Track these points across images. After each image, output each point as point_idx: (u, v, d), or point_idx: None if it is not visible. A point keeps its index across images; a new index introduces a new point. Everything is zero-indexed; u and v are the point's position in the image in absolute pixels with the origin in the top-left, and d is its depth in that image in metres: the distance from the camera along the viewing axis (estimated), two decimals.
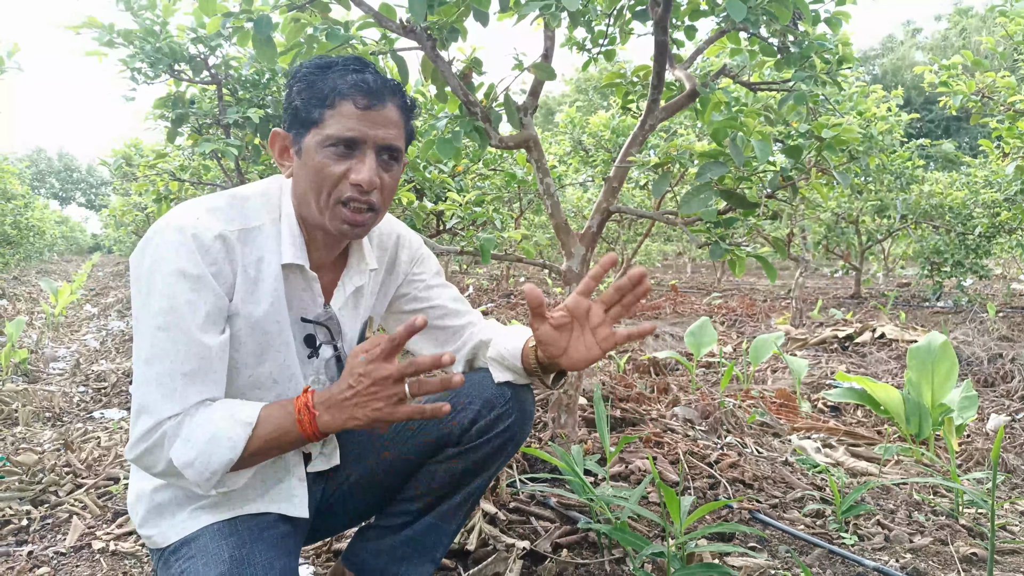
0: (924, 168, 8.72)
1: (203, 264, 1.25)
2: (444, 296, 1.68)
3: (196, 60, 4.53)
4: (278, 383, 1.41)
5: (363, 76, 1.33)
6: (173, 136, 4.69)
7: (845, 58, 2.96)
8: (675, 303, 8.92)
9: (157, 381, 1.22)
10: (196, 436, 1.21)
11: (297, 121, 1.33)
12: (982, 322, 6.51)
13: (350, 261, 1.49)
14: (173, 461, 1.21)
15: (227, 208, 1.33)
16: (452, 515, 1.63)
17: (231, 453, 1.22)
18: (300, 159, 1.34)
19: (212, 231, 1.27)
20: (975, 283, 10.73)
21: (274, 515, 1.47)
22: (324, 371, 1.49)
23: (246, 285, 1.32)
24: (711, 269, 19.24)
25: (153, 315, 1.23)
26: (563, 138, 8.22)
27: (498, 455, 1.61)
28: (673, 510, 1.54)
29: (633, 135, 2.80)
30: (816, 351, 5.42)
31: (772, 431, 3.35)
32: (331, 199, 1.32)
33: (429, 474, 1.61)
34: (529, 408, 1.63)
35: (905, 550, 1.97)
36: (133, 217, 10.35)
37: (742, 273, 2.59)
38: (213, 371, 1.27)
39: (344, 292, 1.48)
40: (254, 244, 1.33)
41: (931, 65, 5.15)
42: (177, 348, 1.23)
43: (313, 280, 1.41)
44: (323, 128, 1.30)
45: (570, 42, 3.53)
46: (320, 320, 1.44)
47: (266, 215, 1.36)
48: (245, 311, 1.32)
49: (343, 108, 1.30)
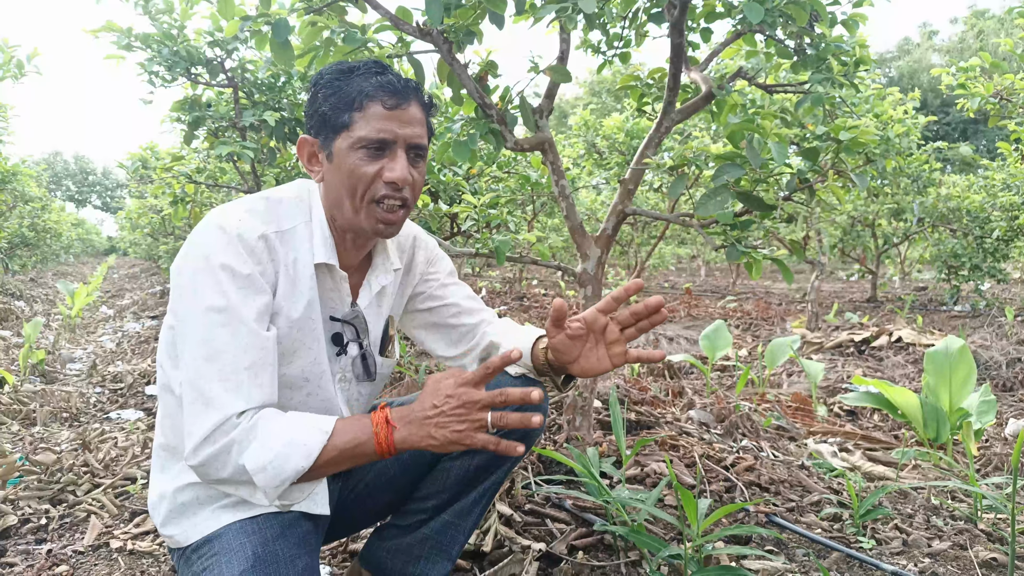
0: (941, 171, 8.65)
1: (251, 263, 1.27)
2: (458, 294, 1.70)
3: (213, 63, 4.56)
4: (309, 381, 1.42)
5: (387, 78, 1.35)
6: (190, 139, 4.73)
7: (862, 60, 2.95)
8: (689, 306, 8.89)
9: (220, 376, 1.22)
10: (271, 440, 1.21)
11: (326, 126, 1.35)
12: (1000, 326, 6.45)
13: (375, 261, 1.52)
14: (246, 465, 1.21)
15: (265, 210, 1.36)
16: (468, 513, 1.64)
17: (305, 461, 1.21)
18: (331, 163, 1.36)
19: (255, 232, 1.30)
20: (992, 287, 10.63)
21: (296, 513, 1.48)
22: (351, 368, 1.51)
23: (286, 285, 1.34)
24: (725, 272, 19.16)
25: (206, 312, 1.24)
26: (577, 141, 8.21)
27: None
28: (690, 512, 1.54)
29: (649, 137, 2.79)
30: (832, 355, 5.39)
31: (788, 435, 3.33)
32: (365, 199, 1.35)
33: (444, 472, 1.62)
34: (542, 405, 1.62)
35: (923, 555, 1.95)
36: (149, 219, 10.43)
37: (759, 276, 2.58)
38: (271, 364, 1.28)
39: (370, 291, 1.50)
40: (290, 245, 1.36)
41: (948, 67, 5.12)
42: (237, 341, 1.24)
43: (342, 280, 1.43)
44: (353, 131, 1.32)
45: (585, 45, 3.53)
46: (348, 319, 1.47)
47: (299, 217, 1.39)
48: (286, 310, 1.35)
49: (371, 109, 1.32)
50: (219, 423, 1.21)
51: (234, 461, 1.21)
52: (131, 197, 13.44)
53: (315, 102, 1.36)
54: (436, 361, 4.63)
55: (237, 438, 1.21)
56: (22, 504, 2.50)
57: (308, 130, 1.40)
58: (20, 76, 5.66)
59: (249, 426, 1.22)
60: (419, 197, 1.46)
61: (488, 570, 1.85)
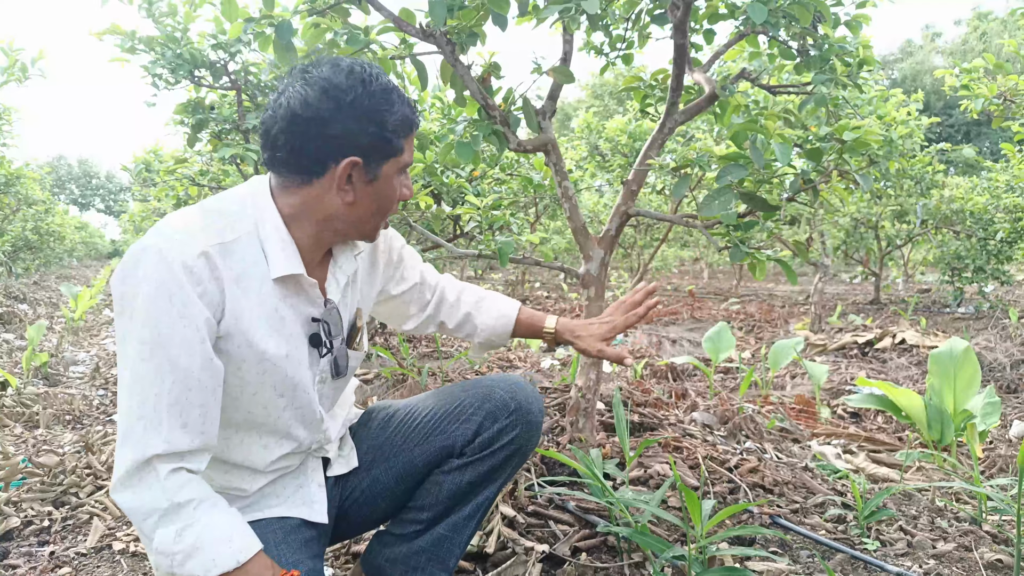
0: (944, 173, 8.63)
1: (188, 285, 1.19)
2: (416, 269, 1.76)
3: (216, 66, 4.57)
4: (283, 396, 1.39)
5: (408, 98, 1.38)
6: (193, 141, 4.74)
7: (865, 61, 2.94)
8: (692, 308, 8.88)
9: (140, 413, 1.18)
10: (189, 532, 1.20)
11: (379, 150, 1.32)
12: (1004, 328, 6.43)
13: (336, 253, 1.48)
14: (154, 540, 1.20)
15: (204, 224, 1.27)
16: (463, 527, 1.63)
17: (204, 573, 1.20)
18: (371, 186, 1.34)
19: (194, 250, 1.22)
20: (996, 289, 10.61)
21: (297, 519, 1.49)
22: (328, 369, 1.49)
23: (234, 302, 1.27)
24: (728, 275, 19.14)
25: (134, 342, 1.19)
26: (579, 143, 8.20)
27: (504, 467, 1.61)
28: (694, 513, 1.53)
29: (652, 138, 2.79)
30: (835, 357, 5.38)
31: (791, 437, 3.33)
32: (385, 216, 1.41)
33: (436, 484, 1.61)
34: (535, 419, 1.62)
35: (928, 556, 1.94)
36: (152, 222, 10.43)
37: (763, 276, 2.57)
38: (202, 404, 1.23)
39: (338, 284, 1.47)
40: (234, 257, 1.28)
41: (952, 69, 5.10)
42: (161, 378, 1.19)
43: (311, 287, 1.38)
44: (402, 157, 1.36)
45: (588, 46, 3.53)
46: (323, 317, 1.43)
47: (241, 227, 1.30)
48: (238, 328, 1.28)
49: (411, 136, 1.38)
50: (134, 465, 1.19)
51: (147, 524, 1.20)
52: (134, 200, 13.46)
53: (362, 123, 1.28)
54: (439, 365, 4.63)
55: (158, 504, 1.19)
56: (25, 506, 2.49)
57: (340, 149, 1.28)
58: (24, 79, 5.67)
59: (177, 498, 1.20)
60: None
61: (491, 571, 1.84)
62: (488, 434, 1.57)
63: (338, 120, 1.27)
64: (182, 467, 1.22)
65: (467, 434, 1.59)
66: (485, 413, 1.58)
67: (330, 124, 1.27)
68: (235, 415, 1.37)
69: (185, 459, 1.22)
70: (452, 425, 1.60)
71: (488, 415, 1.58)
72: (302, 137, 1.27)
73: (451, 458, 1.60)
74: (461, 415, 1.60)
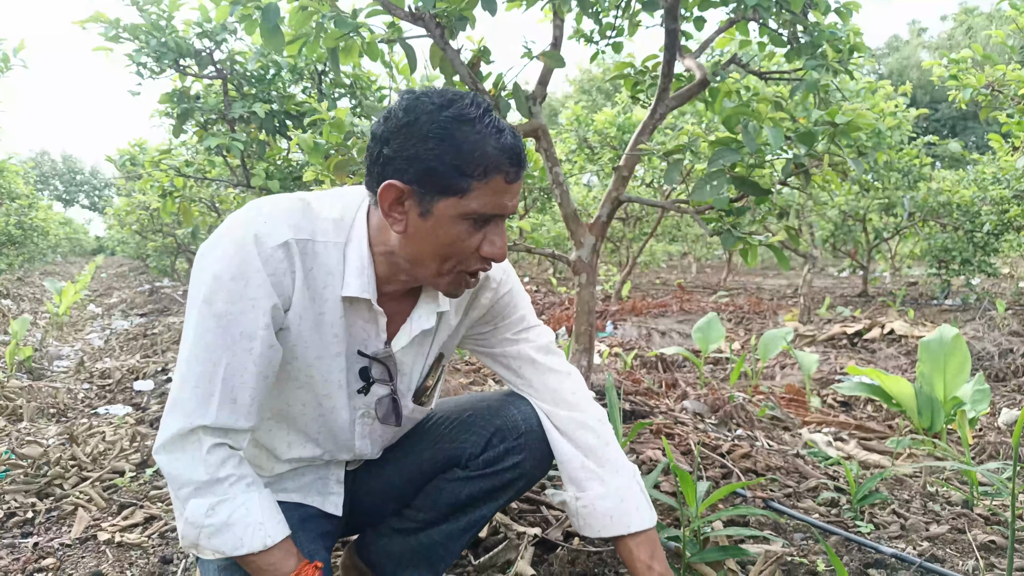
0: (931, 167, 8.67)
1: (263, 270, 1.18)
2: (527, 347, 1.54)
3: (201, 55, 4.52)
4: (321, 405, 1.38)
5: (511, 140, 1.19)
6: (178, 131, 4.69)
7: (856, 47, 2.93)
8: (681, 301, 8.89)
9: (196, 381, 1.20)
10: (221, 508, 1.20)
11: (431, 181, 1.16)
12: (991, 318, 6.47)
13: (421, 300, 1.38)
14: (185, 509, 1.21)
15: (301, 215, 1.24)
16: (456, 538, 1.59)
17: (231, 551, 1.21)
18: (424, 221, 1.19)
19: (279, 237, 1.20)
20: (983, 281, 10.67)
21: (315, 509, 1.48)
22: (376, 407, 1.43)
23: (302, 301, 1.25)
24: (716, 269, 19.19)
25: (202, 314, 1.19)
26: (568, 135, 8.19)
27: (506, 490, 1.54)
28: (688, 494, 1.52)
29: (643, 124, 2.78)
30: (825, 347, 5.39)
31: (783, 425, 3.32)
32: (456, 269, 1.25)
33: (437, 490, 1.58)
34: (545, 449, 1.50)
35: (922, 538, 1.94)
36: (137, 216, 10.35)
37: (754, 262, 2.56)
38: (255, 386, 1.23)
39: (410, 333, 1.37)
40: (317, 260, 1.24)
41: (940, 59, 5.12)
42: (221, 353, 1.20)
43: (379, 315, 1.32)
44: (468, 200, 1.17)
45: (578, 34, 3.51)
46: (378, 357, 1.36)
47: (334, 236, 1.26)
48: (298, 328, 1.27)
49: (495, 182, 1.17)
50: (180, 432, 1.20)
51: (182, 492, 1.21)
52: (119, 196, 13.35)
53: (419, 146, 1.15)
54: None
55: (197, 476, 1.19)
56: (8, 498, 2.46)
57: (395, 169, 1.18)
58: (6, 69, 5.60)
59: (217, 474, 1.20)
60: None
61: (483, 556, 1.82)
62: (494, 452, 1.50)
63: (397, 139, 1.17)
64: (225, 443, 1.23)
65: (474, 447, 1.53)
66: (494, 429, 1.51)
67: (390, 142, 1.18)
68: (273, 403, 1.37)
69: (229, 436, 1.23)
70: (462, 434, 1.55)
71: (497, 432, 1.51)
72: (372, 154, 1.22)
73: (456, 468, 1.55)
74: (472, 426, 1.54)
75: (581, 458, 1.47)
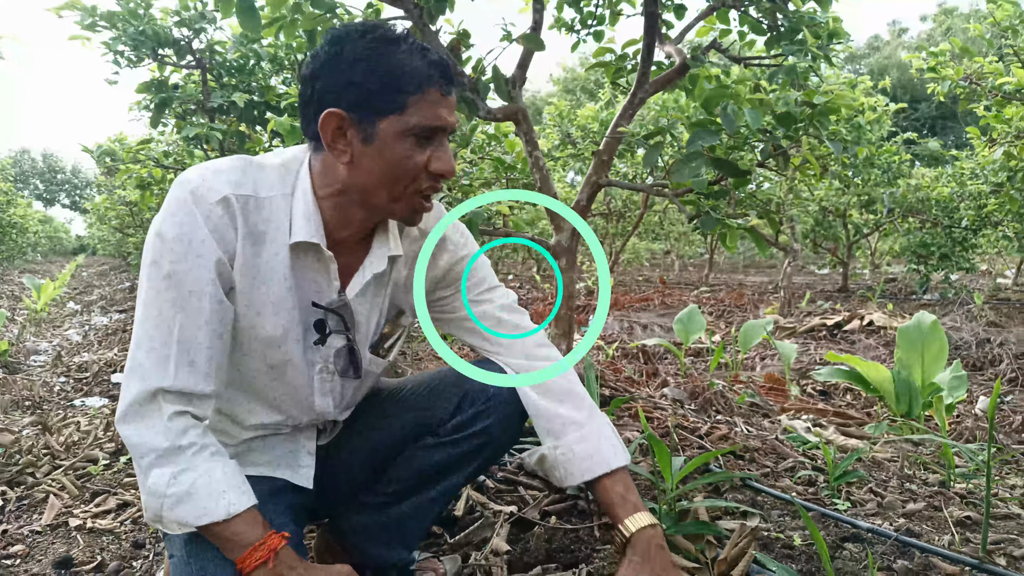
0: (911, 164, 8.75)
1: (204, 226, 1.19)
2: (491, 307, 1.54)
3: (180, 44, 4.47)
4: (273, 367, 1.36)
5: (437, 57, 1.22)
6: (156, 121, 4.64)
7: (835, 32, 2.93)
8: (663, 295, 8.91)
9: (149, 345, 1.19)
10: (184, 476, 1.17)
11: (367, 104, 1.19)
12: (970, 310, 6.52)
13: (373, 245, 1.37)
14: (148, 477, 1.18)
15: (241, 173, 1.24)
16: (426, 509, 1.59)
17: (193, 520, 1.18)
18: (368, 146, 1.21)
19: (217, 193, 1.20)
20: (961, 277, 10.77)
21: (284, 481, 1.45)
22: (333, 360, 1.41)
23: (245, 257, 1.24)
24: (699, 267, 19.26)
25: (152, 276, 1.20)
26: (551, 131, 8.18)
27: (474, 456, 1.54)
28: (664, 466, 1.51)
29: (623, 108, 2.77)
30: (805, 339, 5.42)
31: (762, 412, 3.33)
32: (409, 190, 1.25)
33: (407, 459, 1.57)
34: (513, 411, 1.51)
35: (899, 515, 1.95)
36: (117, 212, 10.25)
37: (734, 247, 2.56)
38: (209, 345, 1.22)
39: (363, 278, 1.36)
40: (259, 215, 1.24)
41: (919, 53, 5.16)
42: (173, 313, 1.19)
43: (329, 261, 1.31)
44: (407, 116, 1.19)
45: (559, 23, 3.50)
46: (332, 307, 1.34)
47: (279, 188, 1.26)
48: (241, 286, 1.26)
49: (430, 94, 1.20)
50: (140, 396, 1.18)
51: (144, 461, 1.18)
52: (99, 193, 13.22)
53: (349, 71, 1.19)
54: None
55: (158, 443, 1.17)
56: None
57: (331, 101, 1.20)
58: None
59: (179, 441, 1.18)
60: None
61: (459, 534, 1.81)
62: (463, 417, 1.51)
63: (326, 71, 1.20)
64: (188, 411, 1.21)
65: (444, 413, 1.53)
66: (463, 394, 1.52)
67: (319, 76, 1.21)
68: (230, 371, 1.35)
69: (192, 403, 1.21)
70: (432, 401, 1.55)
71: (465, 396, 1.52)
72: (304, 97, 1.25)
73: (426, 436, 1.55)
74: (442, 393, 1.55)
75: (556, 407, 1.48)
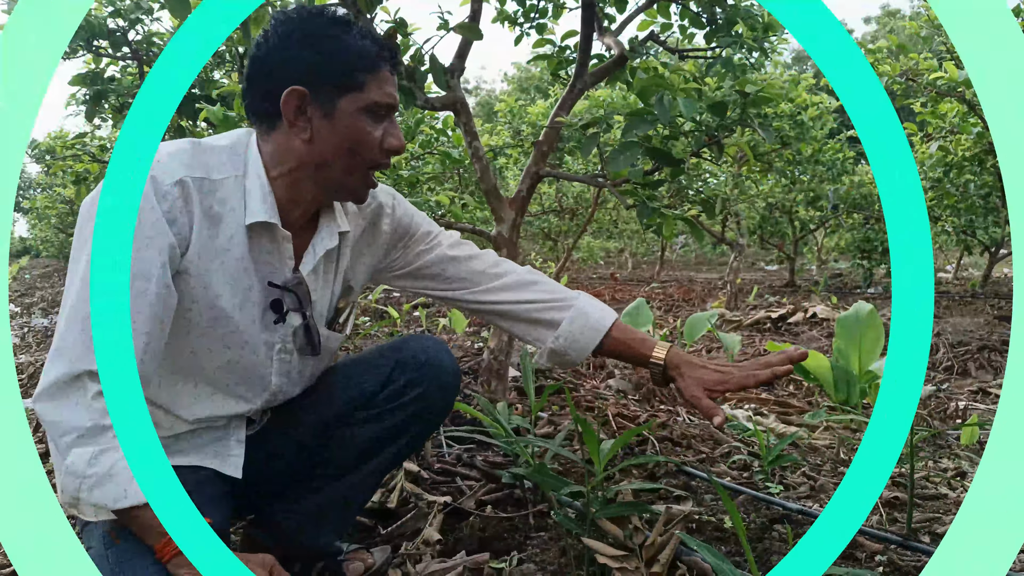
0: (855, 161, 8.93)
1: (158, 209, 1.17)
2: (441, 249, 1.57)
3: (116, 35, 4.36)
4: (230, 348, 1.34)
5: (386, 40, 1.31)
6: (91, 114, 4.51)
7: (770, 26, 2.98)
8: (614, 290, 8.98)
9: (83, 327, 1.13)
10: (104, 459, 1.12)
11: (328, 82, 1.25)
12: None
13: (320, 224, 1.40)
14: (67, 458, 1.12)
15: (192, 156, 1.25)
16: (360, 487, 1.58)
17: (111, 503, 1.13)
18: (328, 121, 1.26)
19: (172, 176, 1.19)
20: None
21: (210, 471, 1.41)
22: (292, 339, 1.41)
23: (201, 239, 1.24)
24: (651, 265, 19.46)
25: (90, 256, 1.15)
26: (502, 128, 8.16)
27: (408, 426, 1.54)
28: (592, 449, 1.51)
29: (562, 99, 2.77)
30: (750, 331, 5.50)
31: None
32: (365, 164, 1.30)
33: (340, 439, 1.55)
34: (447, 380, 1.54)
35: (830, 496, 1.98)
36: (57, 211, 9.98)
37: (671, 236, 2.58)
38: (148, 331, 1.18)
39: (314, 255, 1.38)
40: (214, 197, 1.25)
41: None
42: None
43: (285, 240, 1.32)
44: (366, 93, 1.26)
45: (501, 16, 3.49)
46: (289, 285, 1.36)
47: (230, 169, 1.28)
48: (198, 268, 1.24)
49: (382, 74, 1.28)
50: (64, 377, 1.12)
51: (63, 441, 1.12)
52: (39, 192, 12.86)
53: (305, 52, 1.24)
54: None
55: (80, 423, 1.12)
56: None
57: (288, 79, 1.25)
58: None
59: (103, 421, 1.13)
60: None
61: (392, 525, 1.79)
62: (395, 386, 1.51)
63: (280, 51, 1.25)
64: None
65: (375, 384, 1.53)
66: (395, 363, 1.52)
67: (274, 56, 1.26)
68: (178, 358, 1.32)
69: None
70: (363, 375, 1.55)
71: (398, 365, 1.52)
72: (256, 77, 1.28)
73: (358, 410, 1.54)
74: (372, 366, 1.55)
75: (542, 302, 1.53)
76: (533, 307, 1.53)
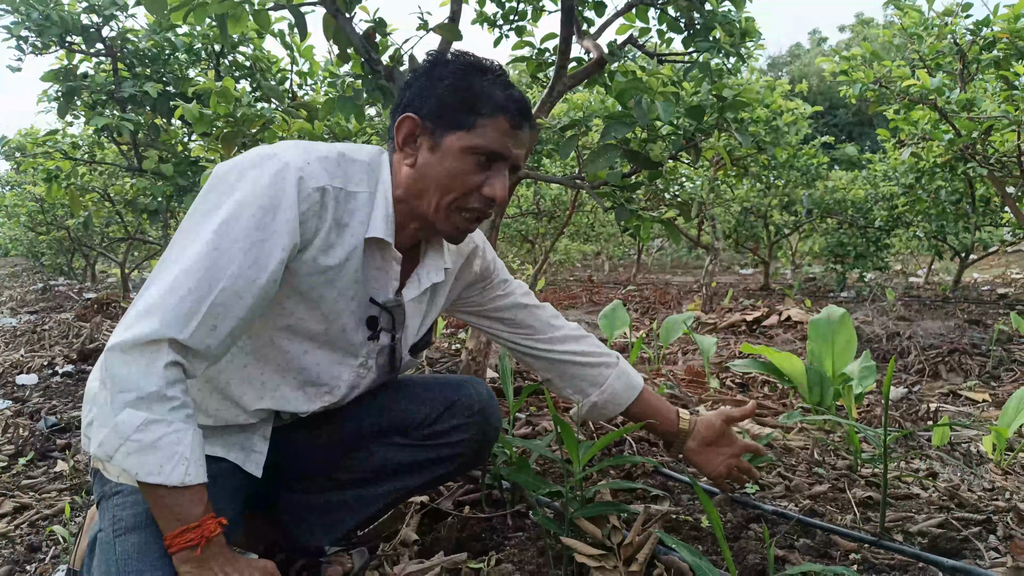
0: (828, 167, 9.04)
1: (295, 208, 1.20)
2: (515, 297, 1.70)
3: (89, 31, 4.31)
4: (316, 350, 1.37)
5: (517, 93, 1.33)
6: (64, 111, 4.46)
7: (748, 31, 3.00)
8: (591, 293, 9.01)
9: (183, 297, 1.12)
10: (154, 431, 1.10)
11: (442, 117, 1.30)
12: (882, 306, 6.78)
13: (427, 255, 1.45)
14: (118, 419, 1.09)
15: (337, 165, 1.29)
16: (369, 502, 1.58)
17: (144, 476, 1.11)
18: (433, 154, 1.30)
19: (317, 181, 1.24)
20: (876, 277, 11.19)
21: (230, 463, 1.40)
22: (376, 356, 1.44)
23: (323, 244, 1.26)
24: (628, 268, 19.54)
25: (217, 227, 1.15)
26: None
27: (438, 465, 1.57)
28: (571, 449, 1.51)
29: (541, 101, 2.78)
30: (725, 334, 5.54)
31: (680, 403, 3.38)
32: (455, 205, 1.31)
33: (368, 453, 1.57)
34: (491, 435, 1.60)
35: (804, 496, 2.00)
36: (26, 209, 9.80)
37: (648, 238, 2.59)
38: (239, 317, 1.17)
39: (419, 285, 1.44)
40: (346, 208, 1.29)
41: (833, 57, 5.33)
42: (223, 275, 1.14)
43: (395, 261, 1.36)
44: (474, 135, 1.28)
45: (481, 18, 3.49)
46: (388, 306, 1.39)
47: (366, 185, 1.32)
48: (310, 269, 1.27)
49: (498, 122, 1.30)
50: (148, 337, 1.09)
51: (120, 397, 1.10)
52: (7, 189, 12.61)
53: (435, 85, 1.31)
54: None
55: (145, 386, 1.09)
56: None
57: (413, 108, 1.32)
58: None
59: (167, 391, 1.11)
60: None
61: (368, 527, 1.78)
62: (442, 426, 1.55)
63: (418, 84, 1.33)
64: (182, 364, 1.14)
65: (423, 415, 1.55)
66: (449, 404, 1.56)
67: (412, 87, 1.34)
68: (263, 346, 1.34)
69: (189, 358, 1.15)
70: (413, 405, 1.58)
71: (450, 407, 1.56)
72: (396, 102, 1.37)
73: (397, 434, 1.56)
74: (427, 397, 1.58)
75: (592, 355, 1.72)
76: (583, 359, 1.69)
